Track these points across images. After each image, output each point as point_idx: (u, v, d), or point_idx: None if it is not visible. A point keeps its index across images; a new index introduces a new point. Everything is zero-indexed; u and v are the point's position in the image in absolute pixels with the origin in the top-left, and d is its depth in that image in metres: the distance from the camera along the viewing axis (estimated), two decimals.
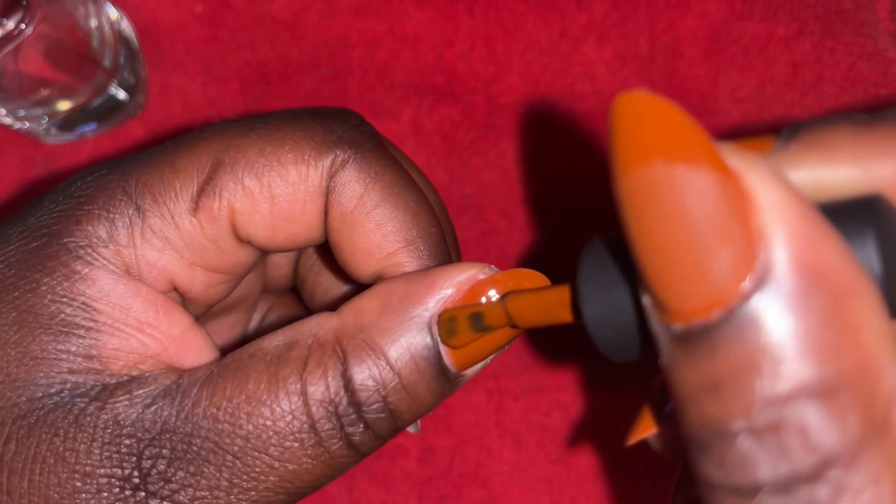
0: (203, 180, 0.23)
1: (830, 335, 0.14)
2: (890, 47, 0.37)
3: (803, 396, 0.14)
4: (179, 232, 0.23)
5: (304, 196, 0.23)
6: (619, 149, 0.15)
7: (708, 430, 0.15)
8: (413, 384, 0.22)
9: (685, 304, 0.14)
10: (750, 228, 0.14)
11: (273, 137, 0.23)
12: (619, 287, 0.18)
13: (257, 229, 0.24)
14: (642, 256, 0.15)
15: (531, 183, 0.37)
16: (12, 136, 0.37)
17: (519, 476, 0.37)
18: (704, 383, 0.14)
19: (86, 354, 0.22)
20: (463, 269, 0.22)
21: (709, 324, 0.14)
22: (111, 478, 0.21)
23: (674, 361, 0.15)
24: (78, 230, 0.22)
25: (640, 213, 0.15)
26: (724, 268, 0.14)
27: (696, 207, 0.14)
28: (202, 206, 0.23)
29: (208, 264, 0.24)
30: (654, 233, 0.14)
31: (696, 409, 0.15)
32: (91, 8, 0.35)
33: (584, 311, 0.18)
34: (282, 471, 0.21)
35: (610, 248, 0.18)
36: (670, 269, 0.14)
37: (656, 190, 0.14)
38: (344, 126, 0.24)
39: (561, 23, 0.38)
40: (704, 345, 0.14)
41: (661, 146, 0.14)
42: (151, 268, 0.23)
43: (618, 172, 0.15)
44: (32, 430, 0.21)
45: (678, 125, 0.14)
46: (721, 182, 0.14)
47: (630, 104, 0.15)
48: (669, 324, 0.15)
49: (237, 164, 0.23)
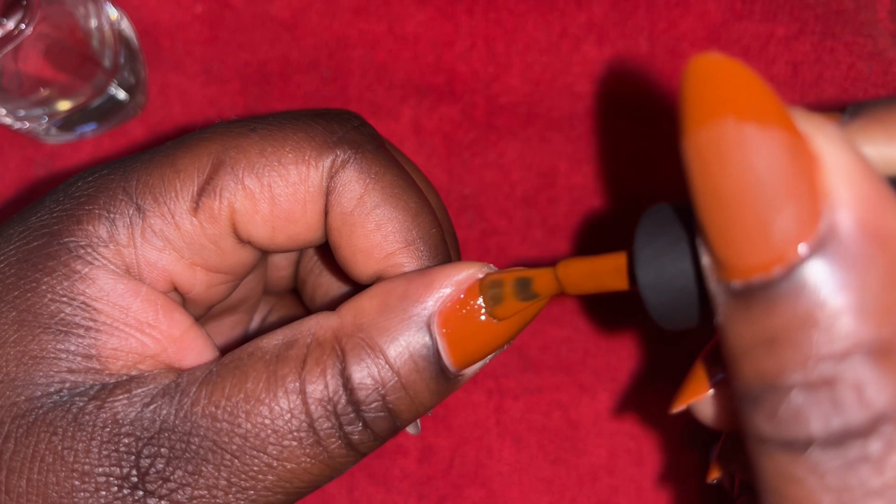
0: (203, 180, 0.23)
1: (887, 298, 0.14)
2: (890, 47, 0.37)
3: (859, 353, 0.14)
4: (180, 232, 0.23)
5: (304, 196, 0.23)
6: (692, 106, 0.15)
7: (762, 384, 0.15)
8: (412, 383, 0.22)
9: (747, 261, 0.15)
10: (815, 188, 0.14)
11: (274, 138, 0.23)
12: (676, 251, 0.18)
13: (258, 229, 0.24)
14: (706, 213, 0.15)
15: (531, 183, 0.37)
16: (12, 136, 0.37)
17: (518, 476, 0.37)
18: (761, 338, 0.15)
19: (85, 354, 0.22)
20: (462, 268, 0.22)
21: (769, 280, 0.15)
22: (109, 476, 0.21)
23: (730, 319, 0.15)
24: (78, 230, 0.22)
25: (707, 169, 0.15)
26: (788, 225, 0.14)
27: (763, 164, 0.14)
28: (202, 206, 0.23)
29: (209, 264, 0.24)
30: (720, 189, 0.15)
31: (751, 363, 0.15)
32: (91, 8, 0.35)
33: (640, 276, 0.18)
34: (280, 470, 0.21)
35: (668, 213, 0.18)
36: (734, 225, 0.15)
37: (726, 146, 0.15)
38: (345, 127, 0.24)
39: (561, 23, 0.38)
40: (763, 301, 0.15)
41: (734, 105, 0.15)
42: (152, 268, 0.23)
43: (688, 129, 0.15)
44: (31, 428, 0.21)
45: (751, 87, 0.15)
46: (790, 142, 0.14)
47: (705, 64, 0.15)
48: (729, 281, 0.15)
49: (238, 165, 0.23)
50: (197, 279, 0.24)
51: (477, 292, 0.22)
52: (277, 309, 0.31)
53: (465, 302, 0.22)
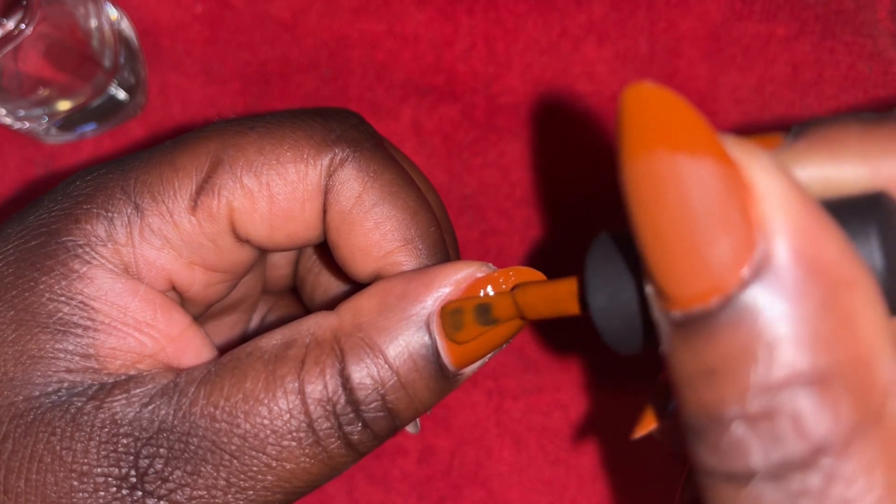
0: (202, 179, 0.23)
1: (826, 325, 0.14)
2: (890, 47, 0.37)
3: (797, 384, 0.14)
4: (178, 230, 0.23)
5: (302, 195, 0.23)
6: (625, 139, 0.15)
7: (703, 416, 0.15)
8: (411, 383, 0.22)
9: (684, 291, 0.15)
10: (749, 217, 0.14)
11: (272, 136, 0.23)
12: (624, 279, 0.18)
13: (256, 228, 0.24)
14: (645, 244, 0.15)
15: (531, 183, 0.37)
16: (12, 136, 0.37)
17: (518, 476, 0.37)
18: (701, 369, 0.15)
19: (83, 353, 0.22)
20: (461, 268, 0.22)
21: (707, 310, 0.14)
22: (108, 476, 0.21)
23: (673, 348, 0.15)
24: (76, 229, 0.22)
25: (643, 201, 0.15)
26: (723, 255, 0.14)
27: (696, 195, 0.14)
28: (201, 204, 0.23)
29: (207, 263, 0.24)
30: (656, 220, 0.15)
31: (693, 394, 0.15)
32: (91, 8, 0.35)
33: (591, 302, 0.18)
34: (279, 470, 0.21)
35: (617, 242, 0.19)
36: (671, 255, 0.15)
37: (659, 179, 0.15)
38: (343, 125, 0.24)
39: (561, 23, 0.38)
40: (702, 331, 0.15)
41: (665, 136, 0.15)
42: (150, 266, 0.23)
43: (623, 161, 0.15)
44: (30, 428, 0.21)
45: (682, 116, 0.15)
46: (722, 171, 0.14)
47: (637, 95, 0.15)
48: (669, 311, 0.15)
49: (236, 163, 0.23)
50: (195, 278, 0.24)
51: (476, 291, 0.22)
52: (276, 308, 0.31)
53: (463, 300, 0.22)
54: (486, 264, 0.22)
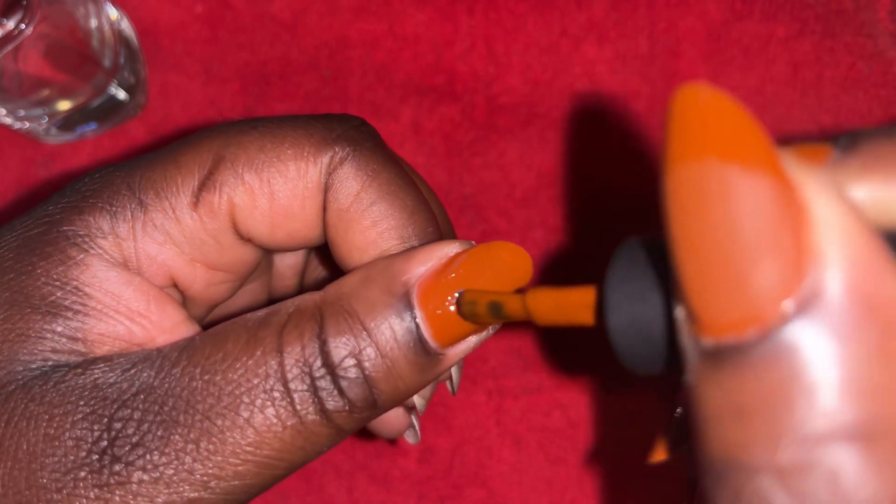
0: (204, 175, 0.23)
1: (878, 374, 0.13)
2: (890, 47, 0.37)
3: (839, 438, 0.12)
4: (180, 226, 0.23)
5: (302, 192, 0.23)
6: (674, 141, 0.14)
7: (727, 460, 0.13)
8: (389, 351, 0.21)
9: (719, 317, 0.13)
10: (802, 244, 0.13)
11: (274, 135, 0.24)
12: (650, 297, 0.16)
13: (257, 225, 0.24)
14: (681, 259, 0.14)
15: (531, 183, 0.37)
16: (12, 136, 0.37)
17: (519, 476, 0.37)
18: (730, 407, 0.13)
19: (71, 336, 0.22)
20: (444, 245, 0.22)
21: (742, 342, 0.13)
22: (80, 440, 0.21)
23: (700, 379, 0.14)
24: (79, 220, 0.23)
25: (685, 211, 0.14)
26: (768, 283, 0.13)
27: (746, 212, 0.13)
28: (202, 200, 0.23)
29: (208, 260, 0.24)
30: (697, 234, 0.13)
31: (718, 434, 0.14)
32: (91, 8, 0.35)
33: (610, 319, 0.17)
34: (251, 434, 0.21)
35: (644, 252, 0.17)
36: (709, 275, 0.13)
37: (706, 188, 0.13)
38: (344, 126, 0.24)
39: (561, 23, 0.38)
40: (735, 365, 0.13)
41: (718, 143, 0.13)
42: (151, 261, 0.23)
43: (668, 166, 0.14)
44: (9, 397, 0.21)
45: (739, 124, 0.13)
46: (777, 190, 0.13)
47: (691, 96, 0.14)
48: (700, 337, 0.14)
49: (237, 160, 0.23)
50: (197, 275, 0.24)
51: (454, 266, 0.22)
52: None
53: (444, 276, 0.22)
54: (468, 242, 0.22)
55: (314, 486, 0.36)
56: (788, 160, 0.13)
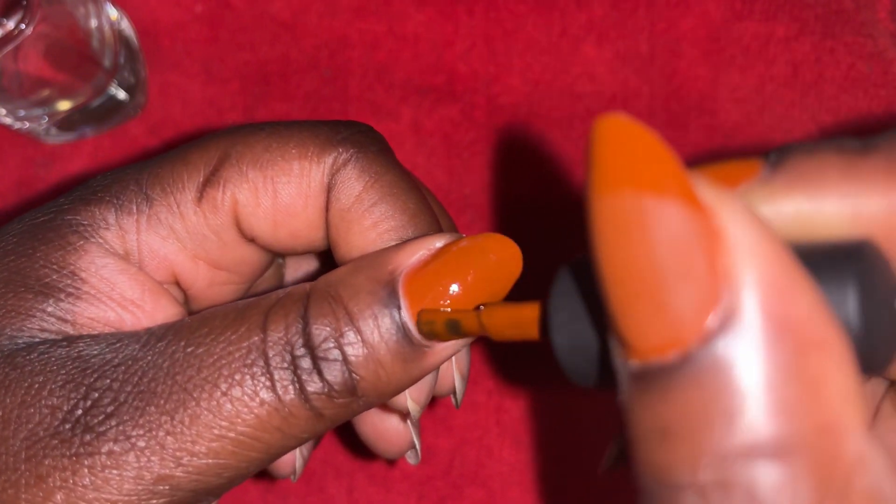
0: (209, 172, 0.23)
1: (791, 391, 0.13)
2: (890, 47, 0.37)
3: (755, 455, 0.13)
4: (184, 221, 0.23)
5: (305, 191, 0.24)
6: (593, 174, 0.14)
7: (655, 480, 0.14)
8: (370, 337, 0.21)
9: (643, 341, 0.14)
10: (716, 268, 0.13)
11: (280, 135, 0.24)
12: (587, 320, 0.17)
13: (259, 223, 0.24)
14: (607, 287, 0.14)
15: (531, 183, 0.37)
16: (12, 136, 0.37)
17: (519, 476, 0.37)
18: (656, 428, 0.14)
19: (61, 317, 0.22)
20: (433, 238, 0.22)
21: (665, 365, 0.14)
22: (55, 409, 0.21)
23: (629, 400, 0.14)
24: (85, 211, 0.23)
25: (607, 240, 0.14)
26: (684, 307, 0.13)
27: (660, 240, 0.13)
28: (206, 196, 0.23)
29: (211, 257, 0.24)
30: (618, 263, 0.14)
31: (646, 455, 0.14)
32: (91, 8, 0.35)
33: (552, 337, 0.18)
34: (227, 407, 0.20)
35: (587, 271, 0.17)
36: (632, 302, 0.14)
37: (624, 219, 0.14)
38: (350, 129, 0.24)
39: (561, 23, 0.38)
40: (659, 386, 0.14)
41: (632, 175, 0.14)
42: (153, 255, 0.23)
43: (589, 198, 0.14)
44: None
45: (652, 154, 0.14)
46: (689, 216, 0.13)
47: (607, 129, 0.14)
48: (628, 360, 0.14)
49: (242, 158, 0.23)
50: (199, 273, 0.24)
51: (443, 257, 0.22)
52: None
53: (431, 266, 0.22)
54: (459, 235, 0.22)
55: (314, 487, 0.36)
56: (701, 184, 0.14)
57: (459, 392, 0.26)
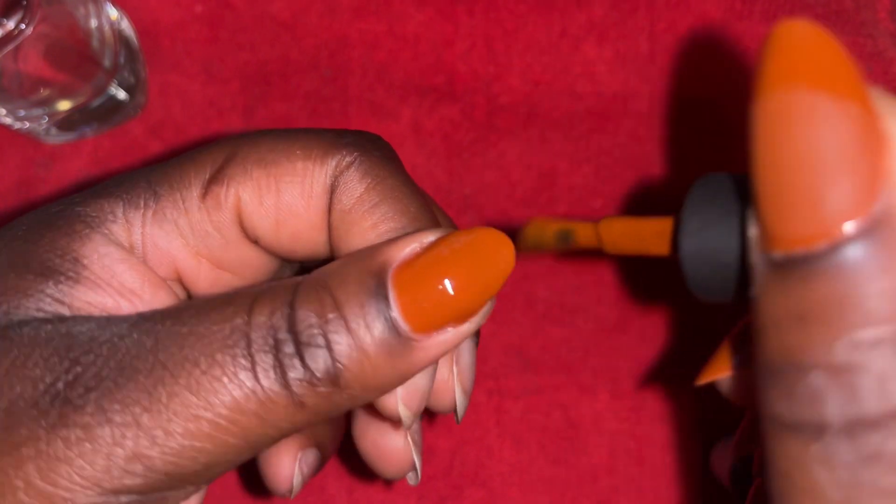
0: (215, 170, 0.24)
1: None
2: (890, 47, 0.37)
3: (889, 344, 0.14)
4: (188, 217, 0.24)
5: (308, 191, 0.24)
6: (768, 70, 0.15)
7: (784, 360, 0.15)
8: (356, 326, 0.21)
9: (792, 231, 0.14)
10: (878, 168, 0.14)
11: (287, 137, 0.24)
12: (722, 224, 0.17)
13: (262, 221, 0.24)
14: (762, 178, 0.15)
15: (531, 183, 0.37)
16: (12, 136, 0.37)
17: (519, 476, 0.37)
18: (792, 312, 0.15)
19: (58, 299, 0.22)
20: (427, 233, 0.22)
21: (811, 253, 0.14)
22: (37, 380, 0.21)
23: (765, 290, 0.15)
24: (94, 203, 0.24)
25: (771, 133, 0.15)
26: (841, 199, 0.14)
27: (828, 135, 0.14)
28: (210, 192, 0.24)
29: (213, 255, 0.24)
30: (780, 155, 0.14)
31: (778, 336, 0.15)
32: (91, 8, 0.35)
33: (682, 245, 0.18)
34: (205, 386, 0.20)
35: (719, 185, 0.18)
36: (787, 193, 0.14)
37: (795, 113, 0.14)
38: (356, 135, 0.25)
39: (561, 23, 0.38)
40: (801, 275, 0.14)
41: (810, 73, 0.14)
42: (157, 249, 0.24)
43: (759, 93, 0.15)
44: None
45: (832, 57, 0.14)
46: (860, 117, 0.14)
47: (788, 31, 0.15)
48: (772, 252, 0.15)
49: (248, 157, 0.24)
50: (202, 272, 0.24)
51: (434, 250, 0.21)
52: None
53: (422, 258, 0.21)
54: (452, 230, 0.22)
55: (315, 487, 0.36)
56: (876, 95, 0.14)
57: (461, 407, 0.26)
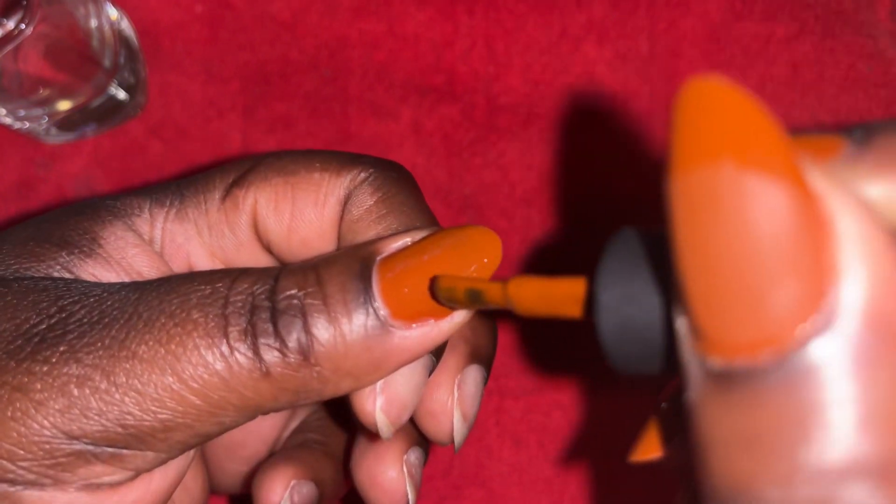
0: (238, 176, 0.25)
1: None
2: (890, 47, 0.37)
3: (857, 475, 0.12)
4: (207, 217, 0.25)
5: (322, 200, 0.25)
6: (683, 142, 0.12)
7: (734, 489, 0.13)
8: (335, 302, 0.21)
9: (731, 338, 0.12)
10: (822, 262, 0.12)
11: (309, 154, 0.25)
12: (645, 299, 0.15)
13: (275, 227, 0.25)
14: (688, 272, 0.13)
15: (531, 183, 0.37)
16: (12, 136, 0.37)
17: (519, 476, 0.37)
18: (739, 434, 0.12)
19: (68, 268, 0.23)
20: (418, 231, 0.22)
21: (755, 367, 0.12)
22: (24, 321, 0.21)
23: (705, 401, 0.13)
24: (124, 199, 0.25)
25: (695, 220, 0.12)
26: (785, 303, 0.12)
27: (763, 225, 0.12)
28: (231, 194, 0.25)
29: (227, 256, 0.25)
30: (707, 247, 0.12)
31: (725, 461, 0.13)
32: (91, 8, 0.35)
33: (601, 320, 0.16)
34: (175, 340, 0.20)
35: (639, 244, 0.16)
36: (720, 292, 0.12)
37: (720, 196, 0.12)
38: (374, 158, 0.25)
39: (561, 23, 0.38)
40: (746, 390, 0.12)
41: (734, 146, 0.12)
42: (174, 245, 0.25)
43: (676, 169, 0.13)
44: None
45: (757, 124, 0.12)
46: (798, 201, 0.12)
47: (702, 91, 0.12)
48: (707, 357, 0.13)
49: (271, 167, 0.25)
50: None
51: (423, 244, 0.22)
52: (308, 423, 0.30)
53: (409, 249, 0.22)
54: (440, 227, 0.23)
55: None
56: (807, 164, 0.12)
57: (458, 435, 0.25)
